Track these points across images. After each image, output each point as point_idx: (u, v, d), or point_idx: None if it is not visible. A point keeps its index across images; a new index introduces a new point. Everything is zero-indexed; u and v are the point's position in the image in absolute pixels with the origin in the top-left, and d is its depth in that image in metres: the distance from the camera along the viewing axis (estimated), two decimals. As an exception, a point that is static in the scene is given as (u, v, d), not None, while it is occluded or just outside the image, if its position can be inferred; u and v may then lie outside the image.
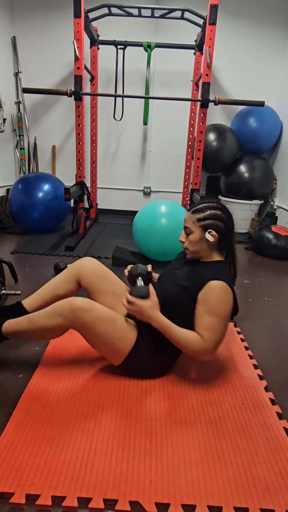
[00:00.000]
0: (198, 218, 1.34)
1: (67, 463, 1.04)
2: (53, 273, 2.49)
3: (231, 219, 1.36)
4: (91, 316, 1.27)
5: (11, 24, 4.01)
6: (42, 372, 1.44)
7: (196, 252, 1.38)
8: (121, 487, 0.99)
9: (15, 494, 0.95)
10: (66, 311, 1.28)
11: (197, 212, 1.34)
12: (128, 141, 4.39)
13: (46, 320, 1.31)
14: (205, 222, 1.33)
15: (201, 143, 3.46)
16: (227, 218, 1.34)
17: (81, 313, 1.26)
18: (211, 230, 1.32)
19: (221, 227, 1.33)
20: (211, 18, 3.08)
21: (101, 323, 1.28)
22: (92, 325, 1.27)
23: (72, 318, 1.27)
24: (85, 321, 1.27)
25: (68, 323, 1.29)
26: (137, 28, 3.97)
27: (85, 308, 1.27)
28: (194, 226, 1.35)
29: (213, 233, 1.32)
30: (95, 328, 1.28)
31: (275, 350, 1.74)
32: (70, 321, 1.28)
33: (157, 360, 1.40)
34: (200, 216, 1.33)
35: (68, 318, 1.28)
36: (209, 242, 1.34)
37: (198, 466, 1.07)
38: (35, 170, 4.39)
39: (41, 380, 1.39)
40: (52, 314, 1.31)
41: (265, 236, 3.21)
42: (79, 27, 3.10)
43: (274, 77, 4.10)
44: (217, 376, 1.49)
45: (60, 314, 1.29)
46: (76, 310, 1.26)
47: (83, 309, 1.26)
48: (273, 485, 1.02)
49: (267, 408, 1.32)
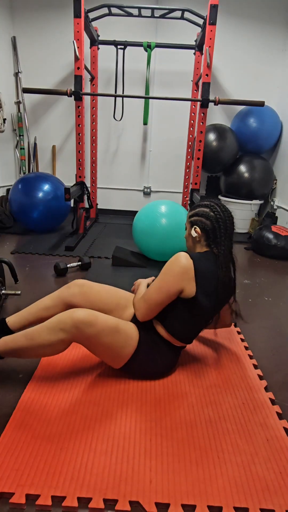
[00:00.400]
0: (189, 215, 1.44)
1: (67, 463, 1.04)
2: (53, 273, 2.49)
3: (222, 217, 1.35)
4: (95, 330, 1.24)
5: (11, 24, 4.01)
6: (42, 372, 1.44)
7: (188, 248, 1.46)
8: (121, 487, 0.99)
9: (15, 494, 0.95)
10: (68, 325, 1.23)
11: (190, 210, 1.45)
12: (128, 141, 4.39)
13: (48, 336, 1.25)
14: (192, 218, 1.41)
15: (201, 143, 3.46)
16: (214, 216, 1.35)
17: (84, 327, 1.23)
18: (196, 226, 1.39)
19: (207, 224, 1.36)
20: (211, 18, 3.08)
21: (105, 335, 1.26)
22: (96, 337, 1.25)
23: (76, 332, 1.23)
24: (89, 335, 1.24)
25: (71, 337, 1.25)
26: (137, 28, 3.97)
27: (88, 322, 1.23)
28: (187, 222, 1.45)
29: (197, 230, 1.38)
30: (99, 340, 1.26)
31: (275, 350, 1.74)
32: (73, 336, 1.24)
33: (157, 362, 1.40)
34: (191, 213, 1.43)
35: (71, 332, 1.24)
36: (194, 237, 1.41)
37: (198, 466, 1.07)
38: (35, 170, 4.39)
39: (41, 380, 1.39)
40: (53, 329, 1.25)
41: (265, 236, 3.21)
42: (79, 27, 3.10)
43: (274, 77, 4.10)
44: (217, 376, 1.49)
45: (63, 329, 1.24)
46: (79, 324, 1.22)
47: (86, 323, 1.23)
48: (273, 485, 1.02)
49: (267, 408, 1.32)
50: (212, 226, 1.36)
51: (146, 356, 1.36)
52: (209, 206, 1.38)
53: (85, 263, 2.59)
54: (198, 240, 1.40)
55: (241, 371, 1.53)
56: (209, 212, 1.37)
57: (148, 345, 1.37)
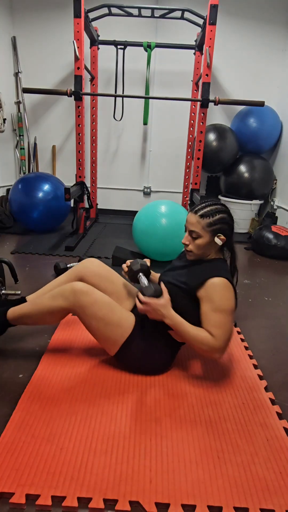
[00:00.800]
0: (209, 223, 1.32)
1: (67, 463, 1.04)
2: (53, 273, 2.49)
3: (233, 219, 1.40)
4: (91, 299, 1.33)
5: (11, 24, 4.01)
6: (42, 372, 1.44)
7: (201, 255, 1.40)
8: (121, 487, 0.99)
9: (15, 494, 0.95)
10: (67, 292, 1.35)
11: (207, 217, 1.33)
12: (128, 141, 4.39)
13: (49, 302, 1.39)
14: (215, 227, 1.33)
15: (201, 143, 3.46)
16: (231, 220, 1.38)
17: (81, 295, 1.33)
18: (220, 234, 1.35)
19: (227, 229, 1.37)
20: (211, 18, 3.08)
21: (99, 307, 1.34)
22: (91, 308, 1.33)
23: (73, 299, 1.34)
24: (84, 303, 1.33)
25: (68, 304, 1.35)
26: (137, 28, 3.97)
27: (85, 291, 1.34)
28: (203, 231, 1.33)
29: (222, 237, 1.35)
30: (93, 311, 1.33)
31: (275, 350, 1.74)
32: (70, 303, 1.35)
33: (154, 356, 1.40)
34: (211, 221, 1.32)
35: (69, 299, 1.35)
36: (217, 245, 1.37)
37: (198, 466, 1.07)
38: (35, 170, 4.39)
39: (41, 380, 1.39)
40: (54, 296, 1.38)
41: (265, 236, 3.21)
42: (79, 27, 3.11)
43: (274, 77, 4.10)
44: (217, 376, 1.49)
45: (62, 295, 1.36)
46: (77, 291, 1.34)
47: (83, 291, 1.34)
48: (273, 485, 1.02)
49: (267, 408, 1.32)
50: (230, 231, 1.37)
51: (142, 346, 1.38)
52: (226, 211, 1.36)
53: (85, 263, 2.59)
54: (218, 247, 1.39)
55: (241, 371, 1.53)
56: (227, 217, 1.36)
57: (144, 336, 1.39)
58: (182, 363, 1.56)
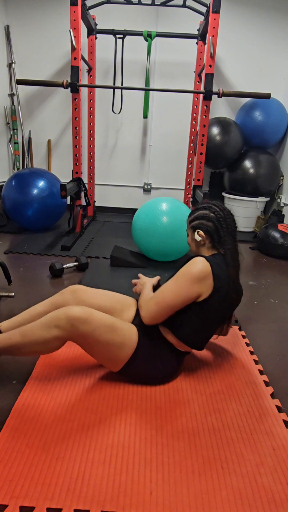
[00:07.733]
0: (189, 220, 1.49)
1: (63, 474, 1.05)
2: (48, 274, 2.50)
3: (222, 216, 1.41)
4: (91, 327, 1.25)
5: (4, 13, 4.01)
6: (37, 379, 1.44)
7: (196, 252, 1.47)
8: (120, 498, 0.99)
9: (8, 506, 0.95)
10: (63, 322, 1.25)
11: (189, 216, 1.50)
12: (127, 135, 4.39)
13: (42, 333, 1.27)
14: (194, 223, 1.46)
15: (204, 137, 3.46)
16: (215, 216, 1.41)
17: (79, 324, 1.24)
18: (199, 230, 1.43)
19: (209, 225, 1.41)
20: (214, 6, 3.08)
21: (101, 333, 1.27)
22: (92, 335, 1.27)
23: (71, 329, 1.25)
24: (84, 332, 1.26)
25: (66, 334, 1.27)
26: (136, 16, 3.97)
27: (83, 319, 1.25)
28: (188, 229, 1.50)
29: (200, 233, 1.42)
30: (95, 338, 1.27)
31: (282, 355, 1.74)
32: (68, 333, 1.26)
33: (158, 367, 1.40)
34: (191, 218, 1.48)
35: (66, 330, 1.26)
36: (198, 241, 1.43)
37: (201, 477, 1.07)
38: (29, 166, 4.39)
39: (36, 387, 1.39)
40: (48, 326, 1.27)
41: (271, 235, 3.21)
42: (75, 15, 3.11)
43: (281, 68, 4.10)
44: (221, 383, 1.49)
45: (57, 326, 1.26)
46: (74, 321, 1.24)
47: (81, 320, 1.24)
48: (279, 497, 1.02)
49: (273, 415, 1.32)
50: (214, 226, 1.41)
51: (146, 359, 1.37)
52: (207, 207, 1.44)
53: (82, 264, 2.60)
54: (203, 244, 1.44)
55: (246, 377, 1.53)
56: (209, 213, 1.42)
57: (148, 348, 1.37)
58: (185, 369, 1.56)
